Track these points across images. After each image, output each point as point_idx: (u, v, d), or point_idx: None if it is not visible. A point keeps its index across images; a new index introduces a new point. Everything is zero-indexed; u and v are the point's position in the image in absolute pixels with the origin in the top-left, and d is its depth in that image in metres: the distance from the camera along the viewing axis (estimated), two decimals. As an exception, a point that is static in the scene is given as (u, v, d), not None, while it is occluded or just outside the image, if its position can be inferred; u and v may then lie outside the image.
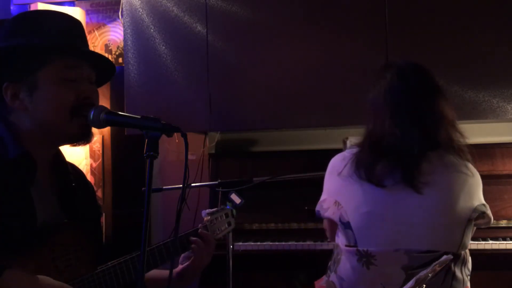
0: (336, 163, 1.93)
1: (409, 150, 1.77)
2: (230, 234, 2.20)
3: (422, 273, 1.40)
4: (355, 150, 1.89)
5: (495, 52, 2.78)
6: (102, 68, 1.54)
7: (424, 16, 2.85)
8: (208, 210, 1.77)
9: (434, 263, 1.49)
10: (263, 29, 2.97)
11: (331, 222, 1.95)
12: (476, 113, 2.78)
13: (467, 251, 1.85)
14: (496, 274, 2.68)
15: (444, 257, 1.55)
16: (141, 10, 3.07)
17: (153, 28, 3.06)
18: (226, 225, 1.82)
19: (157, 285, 1.61)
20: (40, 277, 1.28)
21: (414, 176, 1.76)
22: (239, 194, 2.14)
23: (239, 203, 2.12)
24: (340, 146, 2.97)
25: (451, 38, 2.82)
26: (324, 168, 2.00)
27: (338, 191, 1.88)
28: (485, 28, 2.80)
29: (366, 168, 1.80)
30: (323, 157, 2.03)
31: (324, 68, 2.93)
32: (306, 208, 2.83)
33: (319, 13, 2.94)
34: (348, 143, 2.92)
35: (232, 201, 2.09)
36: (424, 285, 1.37)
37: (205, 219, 1.73)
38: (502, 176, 2.80)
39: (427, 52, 2.81)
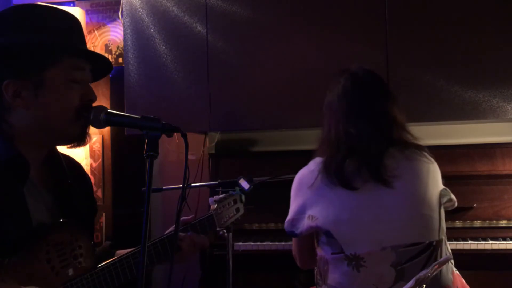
0: (303, 177, 1.94)
1: (367, 148, 1.82)
2: (230, 234, 2.20)
3: (422, 273, 1.40)
4: (318, 159, 1.91)
5: (495, 52, 2.78)
6: (98, 68, 1.53)
7: (424, 16, 2.85)
8: (215, 197, 1.75)
9: (434, 263, 1.49)
10: (263, 29, 2.97)
11: (304, 241, 1.95)
12: (476, 113, 2.78)
13: (445, 235, 1.89)
14: (496, 274, 2.68)
15: (444, 257, 1.55)
16: (141, 10, 3.07)
17: (153, 28, 3.06)
18: (235, 211, 1.80)
19: None
20: None
21: (381, 171, 1.80)
22: (247, 179, 2.13)
23: (248, 188, 2.11)
24: (340, 146, 2.98)
25: (451, 38, 2.82)
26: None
27: (311, 204, 1.87)
28: (486, 28, 2.79)
29: (335, 171, 1.83)
30: (323, 157, 2.02)
31: (324, 68, 2.92)
32: (306, 208, 2.83)
33: (319, 13, 2.94)
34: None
35: (240, 186, 2.08)
36: (424, 285, 1.37)
37: (212, 207, 1.72)
38: (502, 176, 2.80)
39: (427, 52, 2.82)
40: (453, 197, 1.89)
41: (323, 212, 1.83)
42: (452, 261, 1.90)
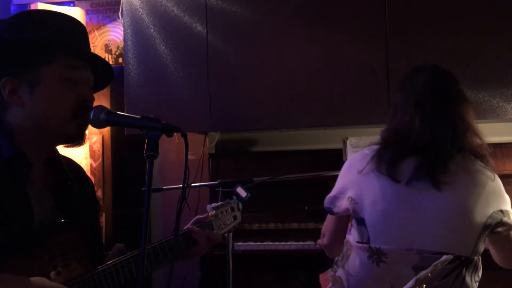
0: (355, 161, 1.93)
1: (440, 148, 1.78)
2: (230, 234, 2.20)
3: (422, 273, 1.40)
4: (375, 147, 1.88)
5: (495, 52, 2.78)
6: (101, 73, 1.53)
7: (424, 16, 2.85)
8: (213, 204, 1.76)
9: (435, 263, 1.49)
10: (263, 29, 2.98)
11: (340, 221, 1.96)
12: (476, 113, 2.76)
13: (480, 258, 1.83)
14: (496, 274, 2.68)
15: (444, 257, 1.54)
16: (141, 10, 3.07)
17: (153, 28, 3.06)
18: (232, 219, 1.81)
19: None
20: (34, 279, 1.26)
21: (438, 174, 1.76)
22: (244, 188, 2.14)
23: (245, 196, 2.11)
24: (340, 146, 2.98)
25: (451, 38, 2.82)
26: (323, 168, 2.00)
27: (355, 187, 1.87)
28: (486, 28, 2.80)
29: (388, 163, 1.80)
30: (323, 157, 2.03)
31: (324, 68, 2.93)
32: (306, 208, 2.83)
33: (319, 13, 2.94)
34: (348, 143, 2.93)
35: (237, 195, 2.09)
36: (424, 285, 1.37)
37: (209, 213, 1.72)
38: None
39: (427, 52, 2.82)
40: (506, 220, 1.80)
41: (361, 198, 1.83)
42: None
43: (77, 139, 1.46)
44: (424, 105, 1.84)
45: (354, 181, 1.88)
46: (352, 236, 1.89)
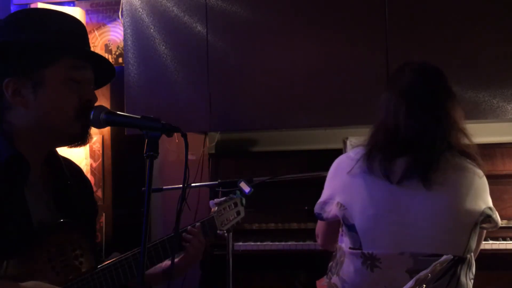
0: (342, 163, 1.91)
1: (430, 146, 1.77)
2: (231, 234, 2.20)
3: (422, 273, 1.40)
4: (360, 149, 1.87)
5: (495, 52, 2.78)
6: (101, 72, 1.53)
7: (424, 16, 2.85)
8: (216, 200, 1.75)
9: (434, 263, 1.49)
10: (263, 29, 2.98)
11: (330, 225, 1.95)
12: (476, 113, 2.78)
13: (472, 255, 1.83)
14: (496, 274, 2.68)
15: (444, 257, 1.54)
16: (141, 10, 3.07)
17: (153, 28, 3.06)
18: (235, 215, 1.80)
19: (149, 280, 1.63)
20: (29, 284, 1.25)
21: (429, 173, 1.75)
22: (247, 183, 2.14)
23: (248, 191, 2.11)
24: (340, 146, 2.98)
25: (451, 38, 2.82)
26: (323, 168, 1.99)
27: (343, 191, 1.86)
28: (486, 28, 2.80)
29: (380, 163, 1.78)
30: (323, 157, 2.03)
31: (324, 68, 2.93)
32: (306, 208, 2.83)
33: (319, 13, 2.94)
34: (348, 143, 2.92)
35: (241, 190, 2.09)
36: (424, 285, 1.37)
37: (212, 209, 1.72)
38: (502, 176, 2.80)
39: (427, 52, 2.82)
40: (494, 217, 1.81)
41: (350, 203, 1.82)
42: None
43: (81, 139, 1.46)
44: (409, 97, 1.81)
45: (342, 184, 1.87)
46: (344, 243, 1.88)
